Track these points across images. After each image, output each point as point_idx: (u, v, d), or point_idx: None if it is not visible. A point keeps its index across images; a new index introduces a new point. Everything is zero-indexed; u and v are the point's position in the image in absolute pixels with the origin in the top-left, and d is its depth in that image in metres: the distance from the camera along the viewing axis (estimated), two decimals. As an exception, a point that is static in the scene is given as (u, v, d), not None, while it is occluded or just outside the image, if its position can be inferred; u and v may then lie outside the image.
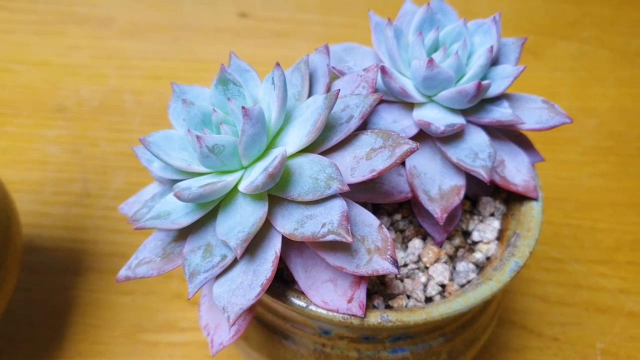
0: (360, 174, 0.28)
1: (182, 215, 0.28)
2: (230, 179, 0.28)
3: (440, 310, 0.29)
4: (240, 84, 0.30)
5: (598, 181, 0.59)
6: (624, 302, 0.50)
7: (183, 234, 0.30)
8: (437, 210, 0.31)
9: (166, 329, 0.46)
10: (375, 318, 0.29)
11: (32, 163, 0.56)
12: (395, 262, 0.27)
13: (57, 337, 0.45)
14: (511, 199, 0.36)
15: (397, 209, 0.35)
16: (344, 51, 0.36)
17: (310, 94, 0.32)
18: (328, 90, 0.32)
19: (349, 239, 0.26)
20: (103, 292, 0.48)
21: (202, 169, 0.29)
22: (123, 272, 0.30)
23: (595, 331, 0.48)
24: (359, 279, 0.29)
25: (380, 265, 0.27)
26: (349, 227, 0.26)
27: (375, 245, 0.28)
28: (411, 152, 0.28)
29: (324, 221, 0.27)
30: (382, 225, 0.28)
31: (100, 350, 0.45)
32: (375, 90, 0.32)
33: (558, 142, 0.63)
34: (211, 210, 0.29)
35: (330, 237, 0.26)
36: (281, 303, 0.30)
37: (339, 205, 0.27)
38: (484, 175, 0.31)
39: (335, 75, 0.34)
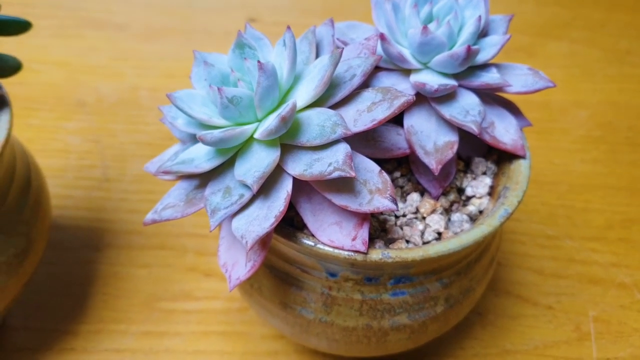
0: (363, 124, 0.32)
1: (204, 160, 0.32)
2: (246, 128, 0.31)
3: (436, 248, 0.32)
4: (255, 48, 0.33)
5: (589, 167, 0.63)
6: (615, 274, 0.53)
7: (204, 182, 0.33)
8: (433, 162, 0.35)
9: (182, 298, 0.49)
10: (377, 255, 0.32)
11: (55, 151, 0.60)
12: (394, 200, 0.31)
13: (79, 305, 0.48)
14: (501, 159, 0.39)
15: (397, 167, 0.38)
16: (347, 28, 0.40)
17: (315, 59, 0.35)
18: (333, 57, 0.35)
19: (352, 174, 0.29)
20: (121, 266, 0.51)
21: (222, 122, 0.32)
22: (150, 216, 0.33)
23: (587, 301, 0.51)
24: (362, 220, 0.32)
25: (381, 202, 0.30)
26: (352, 165, 0.29)
27: (376, 187, 0.31)
28: (408, 103, 0.31)
29: (330, 161, 0.30)
30: (382, 171, 0.32)
31: (119, 317, 0.48)
32: (375, 57, 0.35)
33: (552, 131, 0.67)
34: (230, 158, 0.32)
35: (335, 174, 0.29)
36: (292, 243, 0.33)
37: (343, 147, 0.30)
38: (474, 128, 0.34)
39: (339, 46, 0.37)
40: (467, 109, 0.36)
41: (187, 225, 0.54)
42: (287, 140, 0.32)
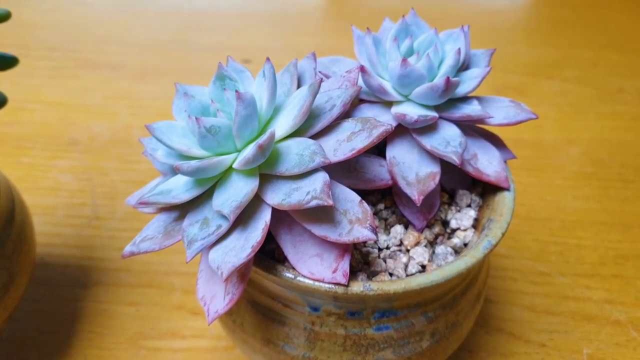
0: (342, 153, 0.32)
1: (182, 191, 0.32)
2: (225, 158, 0.31)
3: (419, 280, 0.32)
4: (235, 80, 0.34)
5: (582, 203, 0.62)
6: (610, 311, 0.52)
7: (183, 214, 0.33)
8: (415, 193, 0.35)
9: (168, 336, 0.48)
10: (358, 287, 0.31)
11: (46, 190, 0.60)
12: (374, 230, 0.30)
13: (65, 343, 0.47)
14: (486, 192, 0.39)
15: (381, 199, 0.38)
16: (330, 62, 0.40)
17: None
18: (314, 90, 0.36)
19: (330, 202, 0.29)
20: (109, 303, 0.50)
21: (201, 153, 0.32)
22: (128, 248, 0.33)
23: (581, 338, 0.50)
24: (343, 252, 0.32)
25: (361, 232, 0.30)
26: (330, 193, 0.29)
27: (356, 217, 0.31)
28: (387, 132, 0.31)
29: (308, 190, 0.30)
30: (363, 201, 0.32)
31: (105, 355, 0.47)
32: (357, 90, 0.35)
33: (544, 168, 0.67)
34: (209, 189, 0.32)
35: (313, 203, 0.29)
36: (272, 276, 0.32)
37: (321, 176, 0.30)
38: (454, 159, 0.34)
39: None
40: (448, 139, 0.36)
41: (175, 264, 0.53)
42: (266, 170, 0.32)
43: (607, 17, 0.96)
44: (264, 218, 0.31)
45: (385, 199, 0.38)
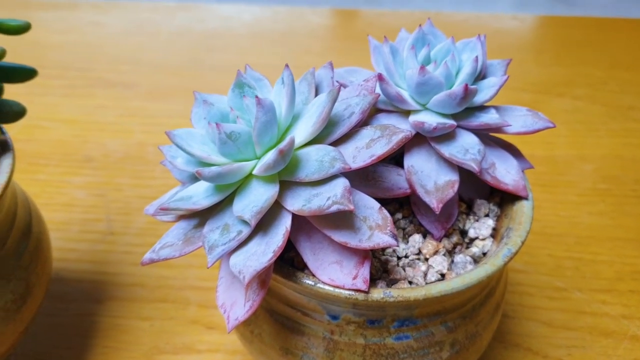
0: (362, 160, 0.32)
1: (202, 197, 0.32)
2: (245, 164, 0.31)
3: (439, 287, 0.32)
4: (254, 87, 0.34)
5: (596, 219, 0.62)
6: (627, 326, 0.51)
7: (203, 221, 0.33)
8: (434, 201, 0.35)
9: (183, 351, 0.48)
10: (379, 294, 0.31)
11: (60, 205, 0.60)
12: (394, 236, 0.30)
13: (80, 358, 0.47)
14: (504, 201, 0.39)
15: (398, 209, 0.38)
16: (347, 72, 0.40)
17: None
18: (332, 99, 0.36)
19: (351, 207, 0.29)
20: (124, 318, 0.50)
21: (221, 160, 0.32)
22: (147, 255, 0.33)
23: (600, 353, 0.49)
24: (363, 259, 0.31)
25: (381, 238, 0.30)
26: (350, 198, 0.29)
27: (376, 223, 0.31)
28: (406, 138, 0.31)
29: (328, 195, 0.30)
30: (382, 208, 0.31)
31: (120, 370, 0.46)
32: (375, 99, 0.36)
33: (557, 184, 0.66)
34: (229, 195, 0.32)
35: (334, 208, 0.29)
36: (291, 283, 0.32)
37: (341, 182, 0.30)
38: (473, 166, 0.34)
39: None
40: (466, 147, 0.36)
41: (190, 278, 0.53)
42: (286, 176, 0.32)
43: (614, 37, 0.97)
44: (285, 224, 0.31)
45: (403, 209, 0.38)
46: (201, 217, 0.33)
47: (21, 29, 0.39)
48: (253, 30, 0.94)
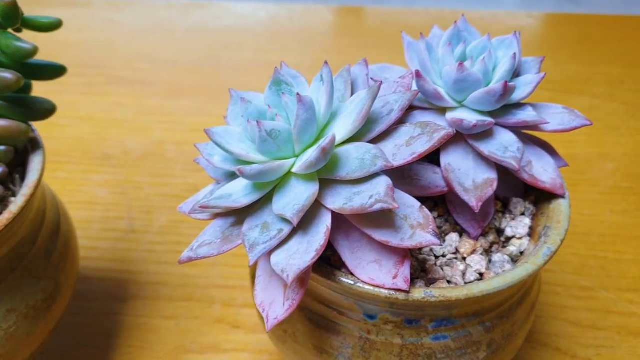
0: (402, 158, 0.31)
1: (242, 195, 0.31)
2: (285, 162, 0.31)
3: (481, 287, 0.31)
4: (292, 84, 0.33)
5: (620, 217, 0.61)
6: (656, 326, 0.51)
7: (240, 219, 0.33)
8: (473, 200, 0.34)
9: (209, 350, 0.47)
10: (419, 294, 0.31)
11: (81, 203, 0.59)
12: (437, 235, 0.30)
13: (104, 357, 0.47)
14: (539, 200, 0.38)
15: (434, 208, 0.37)
16: (379, 70, 0.40)
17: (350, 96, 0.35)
18: (368, 96, 0.35)
19: (395, 205, 0.28)
20: (147, 317, 0.50)
21: (259, 158, 0.32)
22: (186, 254, 0.32)
23: (629, 353, 0.49)
24: (402, 258, 0.31)
25: (423, 237, 0.30)
26: (394, 197, 0.29)
27: (418, 222, 0.30)
28: (448, 136, 0.31)
29: (371, 194, 0.29)
30: (423, 206, 0.31)
31: (146, 369, 0.46)
32: (411, 96, 0.35)
33: (579, 183, 0.66)
34: (267, 193, 0.32)
35: (377, 206, 0.29)
36: (330, 282, 0.32)
37: (384, 180, 0.30)
38: (514, 164, 0.34)
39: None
40: (505, 145, 0.35)
41: (214, 277, 0.53)
42: (325, 174, 0.31)
43: (631, 35, 0.96)
44: (325, 222, 0.30)
45: (438, 207, 0.37)
46: (238, 215, 0.33)
47: (52, 26, 0.38)
48: (268, 27, 0.94)
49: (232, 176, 0.35)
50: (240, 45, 0.88)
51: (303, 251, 0.29)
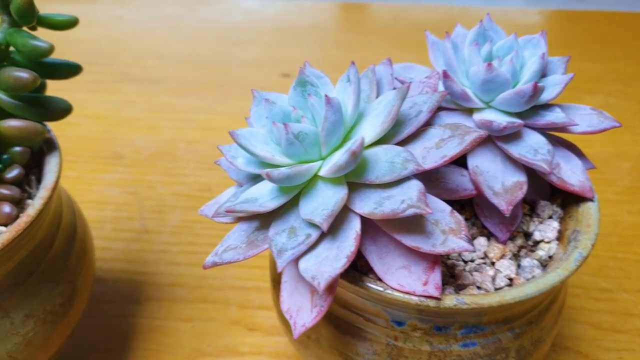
0: (432, 161, 0.30)
1: (268, 199, 0.30)
2: (312, 165, 0.30)
3: (513, 294, 0.30)
4: (317, 85, 0.33)
5: (638, 218, 0.61)
6: (678, 329, 0.50)
7: (265, 224, 0.32)
8: (503, 203, 0.33)
9: (226, 353, 0.47)
10: (451, 301, 0.30)
11: (92, 203, 0.59)
12: (469, 240, 0.29)
13: (120, 361, 0.46)
14: (567, 203, 0.37)
15: (460, 211, 0.37)
16: (403, 69, 0.39)
17: (376, 97, 0.34)
18: (393, 96, 0.35)
19: (429, 210, 0.27)
20: (163, 319, 0.49)
21: (285, 160, 0.31)
22: (210, 259, 0.31)
23: (651, 357, 0.48)
24: (433, 263, 0.30)
25: (456, 243, 0.29)
26: (427, 201, 0.28)
27: (449, 227, 0.30)
28: (480, 139, 0.30)
29: (402, 198, 0.28)
30: (454, 211, 0.30)
31: (162, 373, 0.45)
32: (437, 96, 0.34)
33: (596, 182, 0.64)
34: (293, 197, 0.31)
35: (410, 211, 0.28)
36: (358, 288, 0.31)
37: (415, 184, 0.29)
38: (545, 167, 0.33)
39: (396, 86, 0.37)
40: (535, 147, 0.34)
41: (229, 278, 0.52)
42: (353, 178, 0.30)
43: (642, 32, 0.95)
44: (354, 227, 0.29)
45: (465, 210, 0.37)
46: (262, 218, 0.32)
47: (69, 23, 0.37)
48: (277, 24, 0.93)
49: (255, 179, 0.34)
50: (249, 42, 0.88)
51: (333, 257, 0.28)
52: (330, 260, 0.28)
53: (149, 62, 0.81)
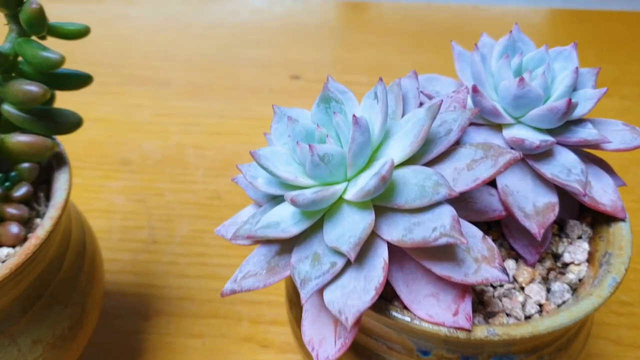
0: (464, 183, 0.29)
1: (291, 224, 0.29)
2: (337, 188, 0.28)
3: (546, 324, 0.29)
4: (341, 102, 0.31)
5: (659, 228, 0.59)
6: (702, 345, 0.49)
7: (286, 248, 0.30)
8: (534, 226, 0.32)
9: (238, 371, 0.45)
10: (482, 332, 0.28)
11: (99, 212, 0.57)
12: (504, 270, 0.27)
13: (129, 379, 0.44)
14: (596, 222, 0.36)
15: (487, 231, 0.35)
16: (427, 80, 0.37)
17: (403, 114, 0.33)
18: (419, 112, 0.33)
19: (464, 240, 0.26)
20: (173, 336, 0.47)
21: (308, 182, 0.29)
22: (228, 286, 0.30)
23: (675, 375, 0.47)
24: (463, 292, 0.29)
25: (490, 273, 0.27)
26: (461, 230, 0.26)
27: (482, 254, 0.28)
28: (514, 160, 0.29)
29: (434, 226, 0.27)
30: (486, 236, 0.29)
31: (172, 392, 0.44)
32: (465, 112, 0.33)
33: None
34: (317, 221, 0.29)
35: (443, 240, 0.26)
36: (384, 318, 0.29)
37: (448, 210, 0.27)
38: (579, 188, 0.31)
39: (422, 101, 0.35)
40: (568, 167, 0.33)
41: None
42: (380, 201, 0.29)
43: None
44: (381, 255, 0.28)
45: (492, 231, 0.35)
46: (284, 243, 0.31)
47: (79, 33, 0.36)
48: (285, 23, 0.91)
49: (274, 198, 0.32)
50: (257, 42, 0.86)
51: (360, 289, 0.27)
52: (357, 293, 0.27)
53: (156, 63, 0.79)
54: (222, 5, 0.94)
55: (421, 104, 0.34)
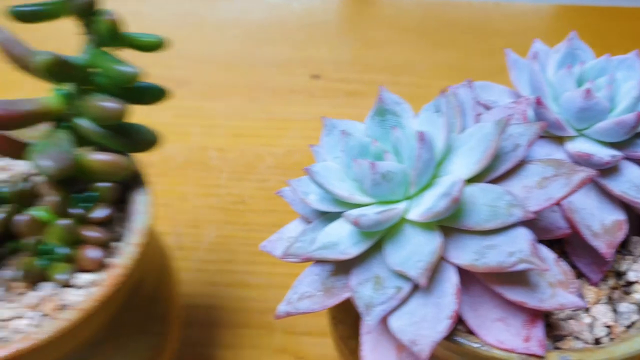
0: (536, 203, 0.27)
1: (349, 245, 0.27)
2: (400, 207, 0.27)
3: (622, 349, 0.27)
4: (398, 114, 0.29)
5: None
6: None
7: (341, 269, 0.29)
8: (603, 245, 0.30)
9: (272, 385, 0.44)
10: (555, 359, 0.27)
11: (123, 217, 0.55)
12: (580, 295, 0.26)
13: (161, 394, 0.43)
14: (659, 238, 0.34)
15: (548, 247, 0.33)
16: (479, 88, 0.36)
17: (461, 126, 0.31)
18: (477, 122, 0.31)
19: (545, 267, 0.24)
20: (204, 346, 0.46)
21: (365, 200, 0.28)
22: (283, 308, 0.28)
23: None
24: (533, 317, 0.27)
25: (566, 298, 0.26)
26: (541, 256, 0.25)
27: (557, 279, 0.27)
28: (589, 179, 0.27)
29: (510, 250, 0.25)
30: (560, 258, 0.27)
31: (206, 406, 0.42)
32: (527, 123, 0.31)
33: None
34: (376, 242, 0.28)
35: (521, 266, 0.25)
36: (450, 343, 0.28)
37: (524, 233, 0.26)
38: (651, 206, 0.30)
39: (479, 112, 0.33)
40: (636, 183, 0.31)
41: (271, 300, 0.49)
42: (447, 222, 0.27)
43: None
44: (451, 280, 0.26)
45: (553, 248, 0.33)
46: (338, 262, 0.29)
47: (156, 45, 0.34)
48: (303, 21, 0.89)
49: (324, 214, 0.31)
50: (274, 40, 0.84)
51: (432, 318, 0.25)
52: (429, 322, 0.25)
53: (172, 62, 0.77)
54: (235, 2, 0.92)
55: (478, 115, 0.32)
